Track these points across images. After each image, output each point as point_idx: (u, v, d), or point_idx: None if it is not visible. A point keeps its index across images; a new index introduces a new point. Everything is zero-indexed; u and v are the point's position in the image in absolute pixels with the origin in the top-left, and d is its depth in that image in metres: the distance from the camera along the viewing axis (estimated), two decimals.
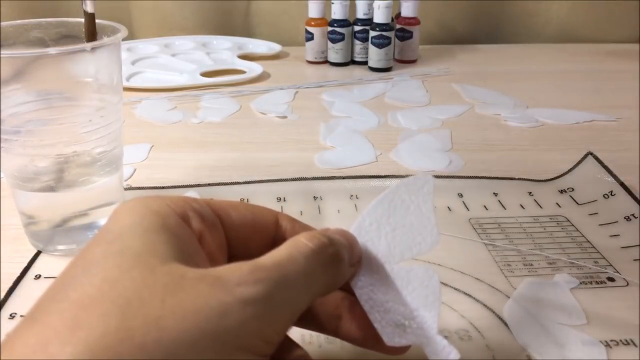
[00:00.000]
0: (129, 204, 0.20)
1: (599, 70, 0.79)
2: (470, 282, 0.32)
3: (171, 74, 0.75)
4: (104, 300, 0.16)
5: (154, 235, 0.19)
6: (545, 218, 0.39)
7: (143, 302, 0.16)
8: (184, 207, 0.21)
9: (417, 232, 0.24)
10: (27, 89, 0.31)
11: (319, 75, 0.78)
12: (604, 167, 0.43)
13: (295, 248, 0.20)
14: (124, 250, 0.18)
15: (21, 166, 0.32)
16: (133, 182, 0.45)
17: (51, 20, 0.35)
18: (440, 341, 0.21)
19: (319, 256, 0.20)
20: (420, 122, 0.58)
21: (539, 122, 0.58)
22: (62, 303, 0.16)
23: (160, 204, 0.20)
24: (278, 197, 0.42)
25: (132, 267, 0.17)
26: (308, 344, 0.27)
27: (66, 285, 0.17)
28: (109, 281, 0.17)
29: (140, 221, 0.19)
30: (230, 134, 0.56)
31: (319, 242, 0.21)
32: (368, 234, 0.24)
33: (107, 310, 0.16)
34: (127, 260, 0.17)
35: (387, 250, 0.24)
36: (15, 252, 0.35)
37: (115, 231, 0.19)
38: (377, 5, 0.74)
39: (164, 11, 0.93)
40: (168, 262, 0.18)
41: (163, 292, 0.17)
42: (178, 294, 0.17)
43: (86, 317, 0.16)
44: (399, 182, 0.24)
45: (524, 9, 0.94)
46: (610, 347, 0.27)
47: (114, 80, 0.34)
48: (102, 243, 0.18)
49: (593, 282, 0.32)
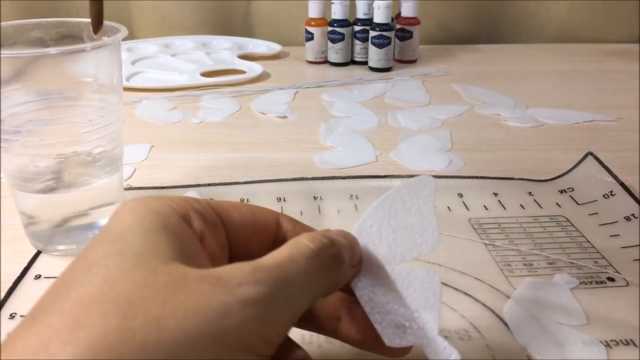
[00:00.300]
0: (130, 204, 0.20)
1: (599, 70, 0.79)
2: (470, 282, 0.32)
3: (171, 74, 0.75)
4: (105, 300, 0.16)
5: (155, 235, 0.19)
6: (545, 218, 0.39)
7: (144, 302, 0.16)
8: (185, 207, 0.21)
9: (418, 234, 0.24)
10: (27, 89, 0.31)
11: (319, 75, 0.78)
12: (604, 167, 0.43)
13: (296, 249, 0.20)
14: (124, 250, 0.18)
15: (21, 166, 0.32)
16: (133, 182, 0.45)
17: (51, 20, 0.35)
18: (440, 342, 0.21)
19: (319, 257, 0.20)
20: (420, 122, 0.58)
21: (539, 122, 0.58)
22: (63, 303, 0.16)
23: (161, 204, 0.20)
24: (278, 197, 0.42)
25: (133, 267, 0.17)
26: (308, 344, 0.27)
27: (67, 285, 0.17)
28: (110, 281, 0.17)
29: (141, 221, 0.19)
30: (230, 134, 0.56)
31: (320, 243, 0.21)
32: (369, 235, 0.24)
33: (108, 310, 0.16)
34: (128, 260, 0.17)
35: (388, 252, 0.24)
36: (15, 252, 0.35)
37: (116, 231, 0.19)
38: (377, 5, 0.74)
39: (164, 11, 0.93)
40: (169, 262, 0.18)
41: (164, 292, 0.17)
42: (179, 294, 0.17)
43: (87, 317, 0.16)
44: (401, 184, 0.24)
45: (524, 9, 0.94)
46: (610, 347, 0.27)
47: (114, 80, 0.34)
48: (103, 243, 0.18)
49: (593, 282, 0.32)
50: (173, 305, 0.16)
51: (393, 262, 0.23)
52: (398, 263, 0.23)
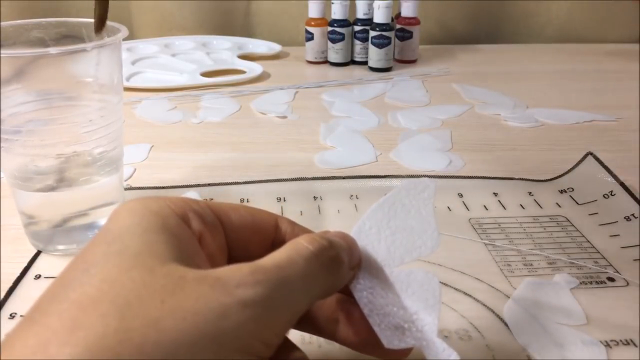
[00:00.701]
0: (129, 205, 0.20)
1: (599, 70, 0.79)
2: (470, 282, 0.32)
3: (171, 74, 0.75)
4: (104, 301, 0.16)
5: (154, 236, 0.19)
6: (545, 218, 0.39)
7: (142, 303, 0.16)
8: (184, 207, 0.21)
9: (418, 236, 0.24)
10: (27, 89, 0.31)
11: (319, 75, 0.78)
12: (604, 167, 0.43)
13: (295, 250, 0.20)
14: (123, 250, 0.18)
15: (21, 166, 0.32)
16: (133, 182, 0.45)
17: (51, 20, 0.35)
18: (440, 344, 0.21)
19: (318, 259, 0.20)
20: (420, 122, 0.58)
21: (539, 122, 0.58)
22: (61, 303, 0.16)
23: (160, 205, 0.20)
24: (278, 197, 0.42)
25: (132, 267, 0.17)
26: (308, 344, 0.27)
27: (65, 285, 0.17)
28: (108, 281, 0.17)
29: (139, 221, 0.19)
30: (230, 134, 0.56)
31: (319, 245, 0.21)
32: (368, 237, 0.24)
33: (106, 310, 0.16)
34: (127, 260, 0.17)
35: (386, 254, 0.24)
36: (15, 252, 0.35)
37: (115, 231, 0.19)
38: (377, 5, 0.74)
39: (163, 11, 0.93)
40: (167, 263, 0.18)
41: (162, 292, 0.17)
42: (177, 294, 0.17)
43: (85, 318, 0.16)
44: (400, 186, 0.24)
45: (524, 9, 0.94)
46: (610, 347, 0.27)
47: (114, 80, 0.34)
48: (102, 243, 0.18)
49: (593, 282, 0.32)
50: (171, 306, 0.16)
51: (392, 264, 0.23)
52: (397, 265, 0.23)
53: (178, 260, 0.18)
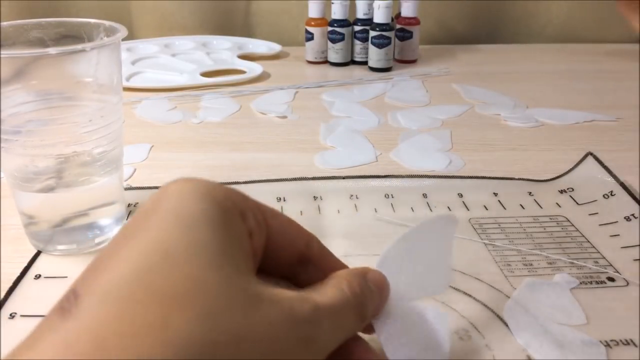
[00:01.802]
0: (191, 185, 0.20)
1: (599, 70, 0.79)
2: (470, 282, 0.32)
3: (171, 74, 0.75)
4: (189, 303, 0.16)
5: (224, 233, 0.19)
6: (545, 218, 0.39)
7: (225, 316, 0.17)
8: (243, 203, 0.21)
9: (434, 274, 0.25)
10: (27, 89, 0.31)
11: (319, 75, 0.78)
12: (604, 167, 0.43)
13: (342, 295, 0.21)
14: (201, 244, 0.18)
15: (21, 166, 0.32)
16: (133, 182, 0.45)
17: (51, 20, 0.35)
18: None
19: (357, 310, 0.22)
20: (420, 122, 0.58)
21: (539, 122, 0.58)
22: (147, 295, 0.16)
23: (225, 195, 0.20)
24: (278, 197, 0.42)
25: (213, 268, 0.17)
26: None
27: (147, 270, 0.17)
28: (192, 280, 0.17)
29: (209, 211, 0.19)
30: (230, 134, 0.56)
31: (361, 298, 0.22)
32: (390, 267, 0.25)
33: (192, 316, 0.16)
34: (207, 257, 0.18)
35: (405, 287, 0.25)
36: (15, 252, 0.35)
37: (186, 214, 0.19)
38: (377, 5, 0.74)
39: (163, 11, 0.93)
40: (244, 273, 0.18)
41: (244, 307, 0.17)
42: (254, 315, 0.17)
43: (172, 319, 0.16)
44: (424, 221, 0.26)
45: (524, 9, 0.94)
46: (610, 347, 0.27)
47: (114, 80, 0.34)
48: (177, 226, 0.18)
49: (593, 282, 0.32)
50: (251, 326, 0.17)
51: (407, 298, 0.25)
52: (413, 299, 0.25)
53: (246, 267, 0.19)
